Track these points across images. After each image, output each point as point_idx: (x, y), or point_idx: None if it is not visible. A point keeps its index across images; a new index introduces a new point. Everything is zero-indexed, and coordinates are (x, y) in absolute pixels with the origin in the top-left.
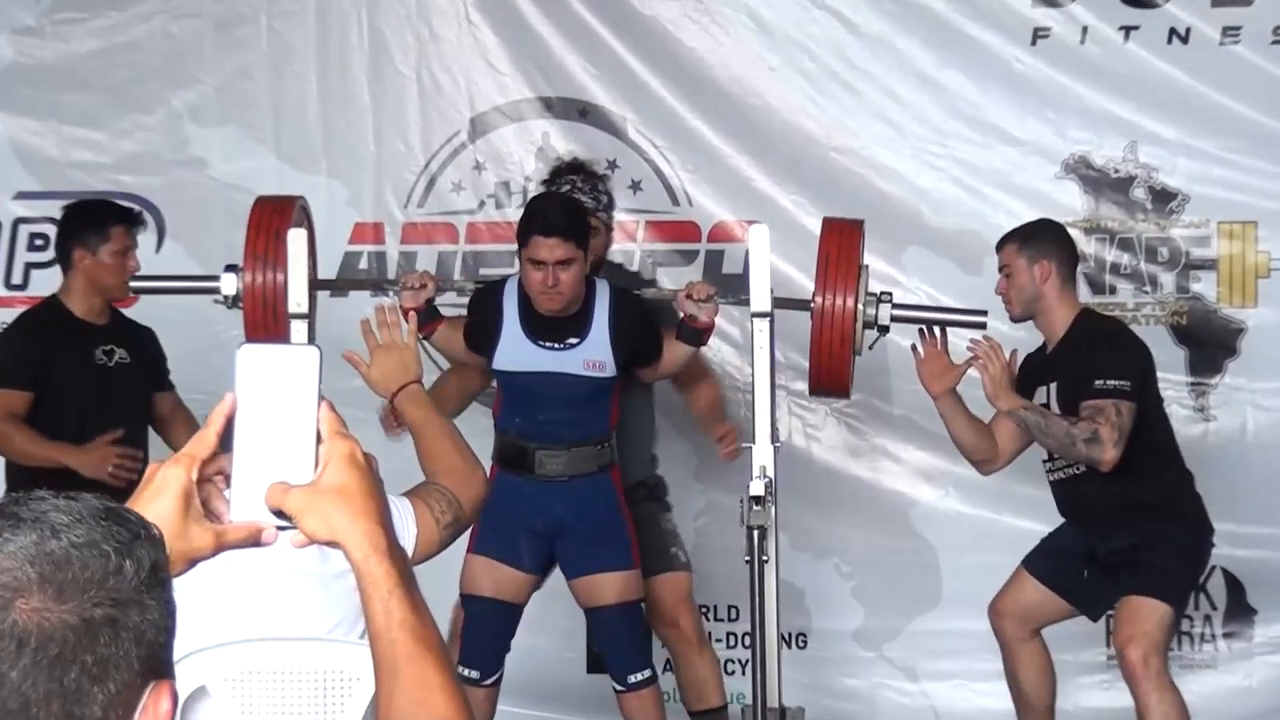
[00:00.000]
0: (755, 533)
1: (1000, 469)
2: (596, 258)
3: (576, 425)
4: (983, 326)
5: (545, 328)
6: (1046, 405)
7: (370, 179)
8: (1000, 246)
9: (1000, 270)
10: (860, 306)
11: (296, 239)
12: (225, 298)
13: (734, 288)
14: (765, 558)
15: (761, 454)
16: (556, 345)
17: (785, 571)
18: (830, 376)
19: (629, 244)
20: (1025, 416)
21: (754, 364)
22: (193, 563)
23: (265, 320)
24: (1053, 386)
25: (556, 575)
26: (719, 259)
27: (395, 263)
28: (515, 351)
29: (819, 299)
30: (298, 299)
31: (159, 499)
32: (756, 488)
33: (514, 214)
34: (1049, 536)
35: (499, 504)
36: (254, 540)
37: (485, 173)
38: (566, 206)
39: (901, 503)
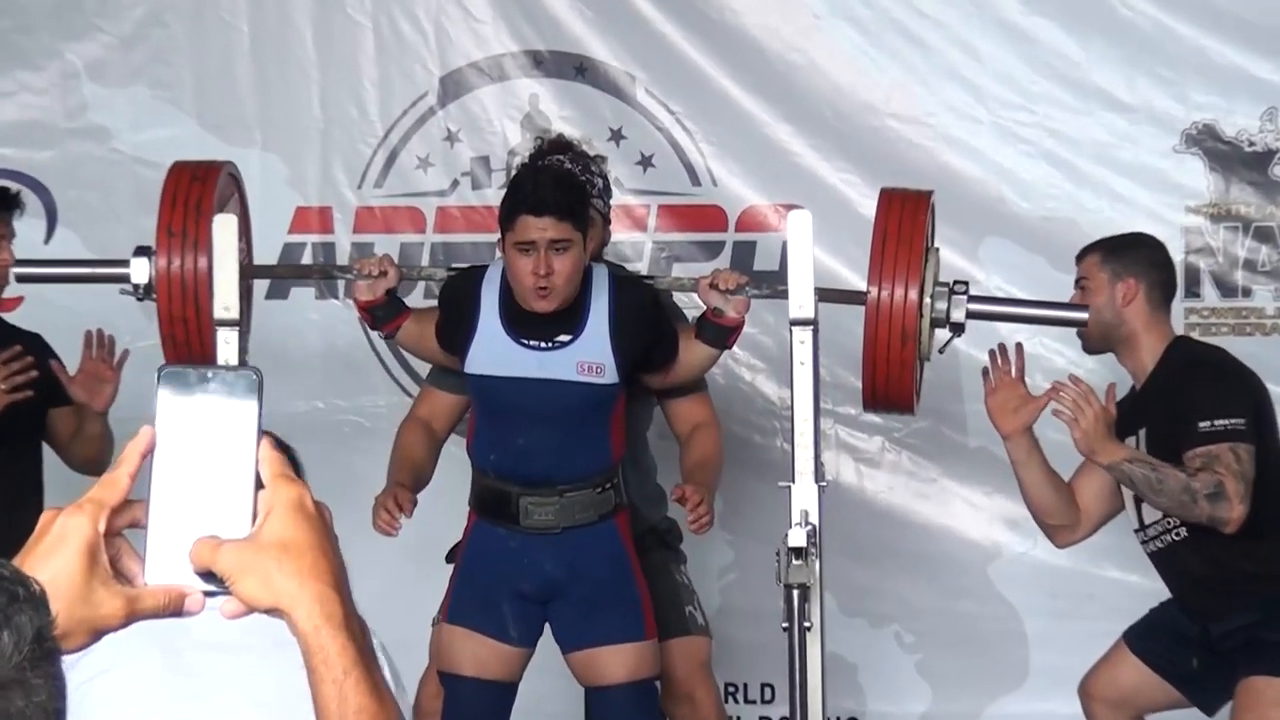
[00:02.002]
0: (795, 593)
1: (1081, 540)
2: (592, 251)
3: (569, 457)
4: (1083, 324)
5: (530, 322)
6: None
7: (315, 153)
8: (1081, 257)
9: (1076, 284)
10: (927, 298)
11: (224, 226)
12: (135, 287)
13: (768, 288)
14: (808, 624)
15: (803, 495)
16: (543, 344)
17: (833, 642)
18: (890, 387)
19: (637, 234)
20: (1132, 471)
21: (793, 383)
22: (97, 634)
23: (185, 314)
24: (1141, 434)
25: (548, 643)
26: (749, 252)
27: (347, 256)
28: (492, 351)
29: (874, 289)
30: (225, 301)
31: (56, 554)
32: (797, 537)
33: (495, 196)
34: (1157, 609)
35: (477, 562)
36: (175, 608)
37: (459, 145)
38: (561, 179)
39: (978, 556)
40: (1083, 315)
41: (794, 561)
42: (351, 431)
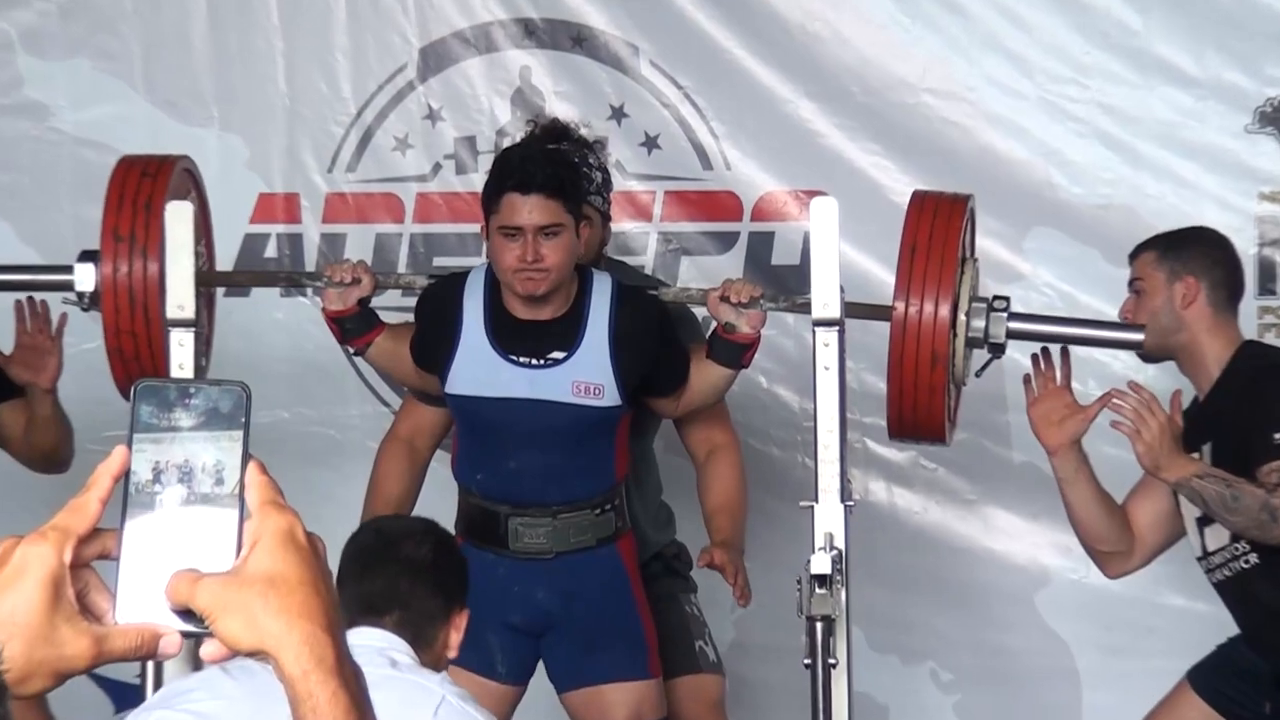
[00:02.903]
0: (819, 626)
1: (1135, 570)
2: (589, 255)
3: (565, 478)
4: (1139, 346)
5: (519, 336)
6: None
7: (280, 133)
8: (1134, 256)
9: (1130, 285)
10: (963, 315)
11: (177, 215)
12: (80, 296)
13: (788, 285)
14: (833, 661)
15: (827, 516)
16: (535, 361)
17: (862, 680)
18: (919, 413)
19: (641, 223)
20: (1204, 488)
21: (816, 392)
22: (61, 678)
23: (134, 327)
24: (1206, 449)
25: (541, 681)
26: (767, 244)
27: (316, 248)
28: (476, 369)
29: (900, 304)
30: (180, 298)
31: (15, 587)
32: (820, 563)
33: (481, 182)
34: (1225, 645)
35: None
36: (148, 650)
37: (441, 125)
38: (552, 155)
39: (1024, 584)
40: (1138, 337)
41: (817, 591)
42: (321, 446)
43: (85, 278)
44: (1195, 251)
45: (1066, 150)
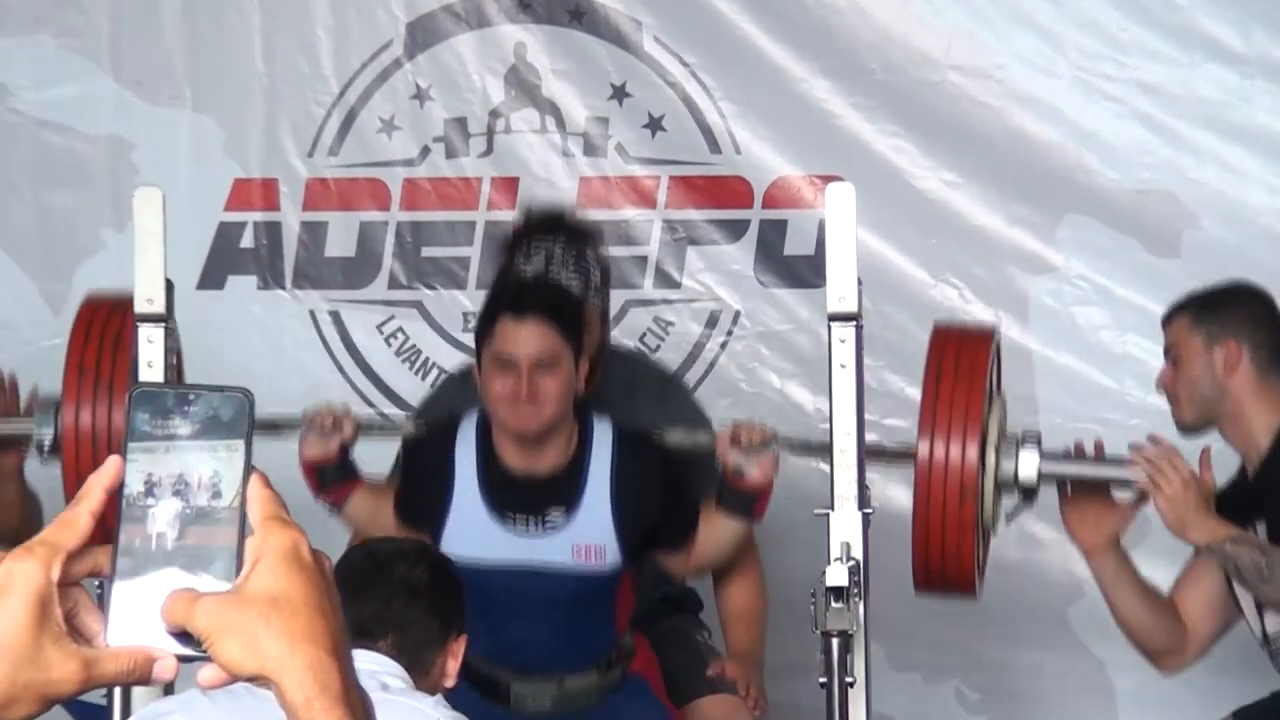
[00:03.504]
0: (835, 642)
1: (1192, 663)
2: (590, 356)
3: (569, 646)
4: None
5: (515, 494)
6: None
7: (258, 114)
8: (1168, 321)
9: (1166, 354)
10: (991, 457)
11: (147, 202)
12: (38, 446)
13: (802, 276)
14: (851, 679)
15: (844, 524)
16: (533, 523)
17: (881, 700)
18: (946, 563)
19: (644, 210)
20: (1237, 554)
21: (831, 390)
22: (48, 703)
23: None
24: (1260, 527)
25: None
26: (779, 233)
27: (296, 238)
28: (471, 532)
29: (923, 446)
30: (149, 291)
31: (1, 606)
32: (836, 575)
33: (472, 166)
34: None
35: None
36: (142, 674)
37: (430, 105)
38: (551, 283)
39: (1055, 597)
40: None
41: (833, 604)
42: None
43: (44, 429)
44: (1233, 312)
45: (1102, 132)
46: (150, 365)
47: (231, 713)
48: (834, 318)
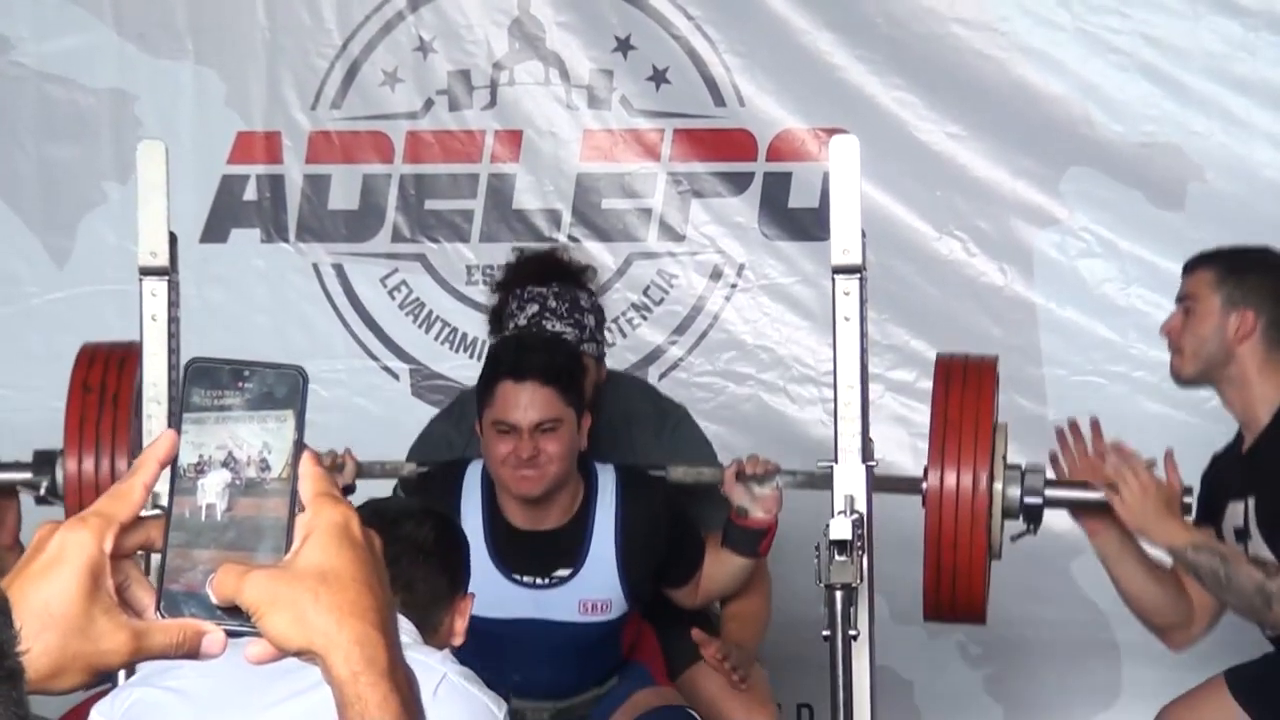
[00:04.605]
0: (839, 595)
1: (1200, 637)
2: (588, 403)
3: (569, 684)
4: (1189, 511)
5: (522, 551)
6: (1243, 531)
7: (260, 67)
8: (1190, 269)
9: (1179, 301)
10: (997, 486)
11: (149, 155)
12: (35, 489)
13: (806, 228)
14: (854, 632)
15: (848, 478)
16: (540, 581)
17: (885, 653)
18: (958, 592)
19: (649, 163)
20: (1196, 561)
21: (836, 343)
22: (97, 674)
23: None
24: (1250, 502)
25: None
26: (783, 186)
27: (299, 190)
28: (477, 588)
29: (934, 477)
30: (152, 244)
31: (52, 575)
32: (840, 528)
33: (475, 119)
34: (1274, 657)
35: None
36: (191, 648)
37: (433, 57)
38: (551, 342)
39: (1059, 550)
40: (1187, 500)
41: (837, 557)
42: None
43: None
44: (1259, 281)
45: (1106, 85)
46: (154, 319)
47: (243, 667)
48: (838, 270)
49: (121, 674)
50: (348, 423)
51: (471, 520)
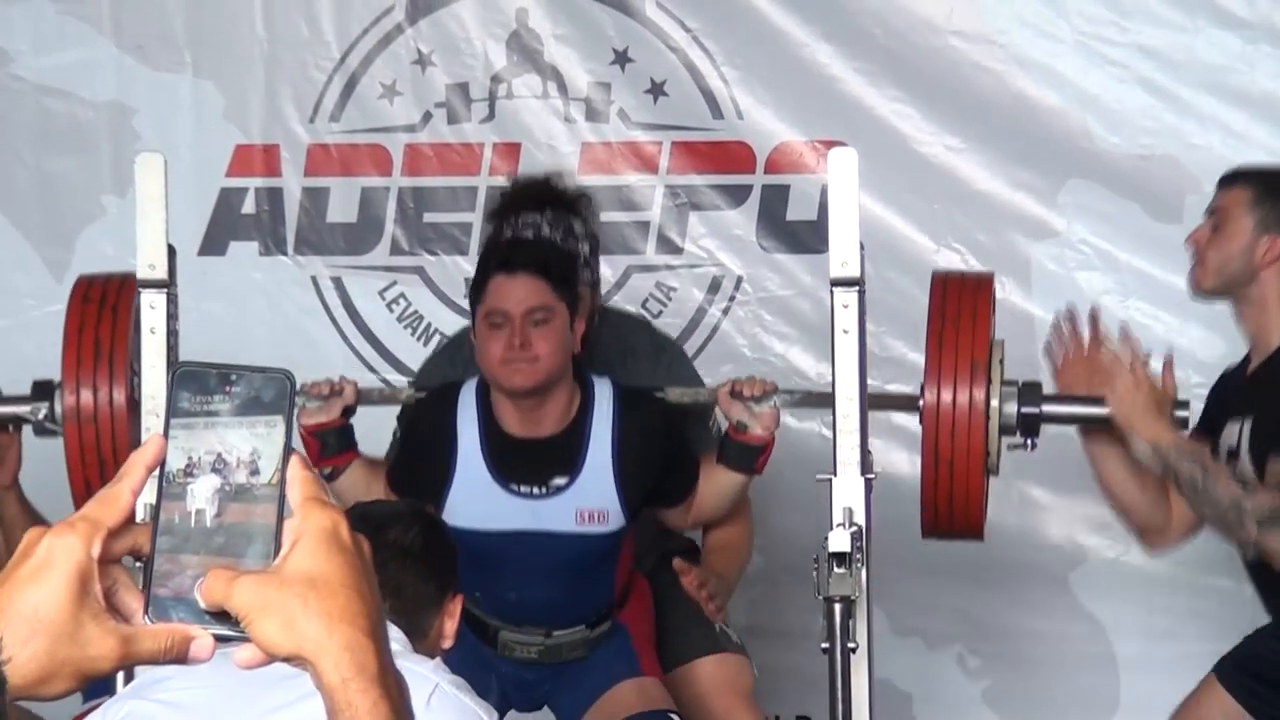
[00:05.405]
0: (838, 607)
1: (1175, 544)
2: (580, 333)
3: (566, 607)
4: (1184, 426)
5: (518, 460)
6: (1235, 451)
7: (258, 80)
8: (1227, 183)
9: (1208, 214)
10: (995, 402)
11: (148, 168)
12: (36, 420)
13: (804, 241)
14: (853, 645)
15: (847, 490)
16: (536, 490)
17: (883, 666)
18: (954, 512)
19: (646, 176)
20: (1178, 463)
21: (834, 355)
22: (85, 679)
23: (101, 450)
24: (1246, 424)
25: None
26: (782, 198)
27: (297, 203)
28: (475, 501)
29: (930, 393)
30: (151, 256)
31: (40, 581)
32: (839, 541)
33: (474, 132)
34: (1253, 638)
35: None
36: (179, 652)
37: (432, 70)
38: (540, 242)
39: (1057, 562)
40: (1183, 413)
41: (836, 570)
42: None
43: (41, 404)
44: None
45: (1105, 97)
46: (153, 331)
47: (234, 675)
48: (836, 283)
49: (120, 680)
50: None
51: (468, 433)
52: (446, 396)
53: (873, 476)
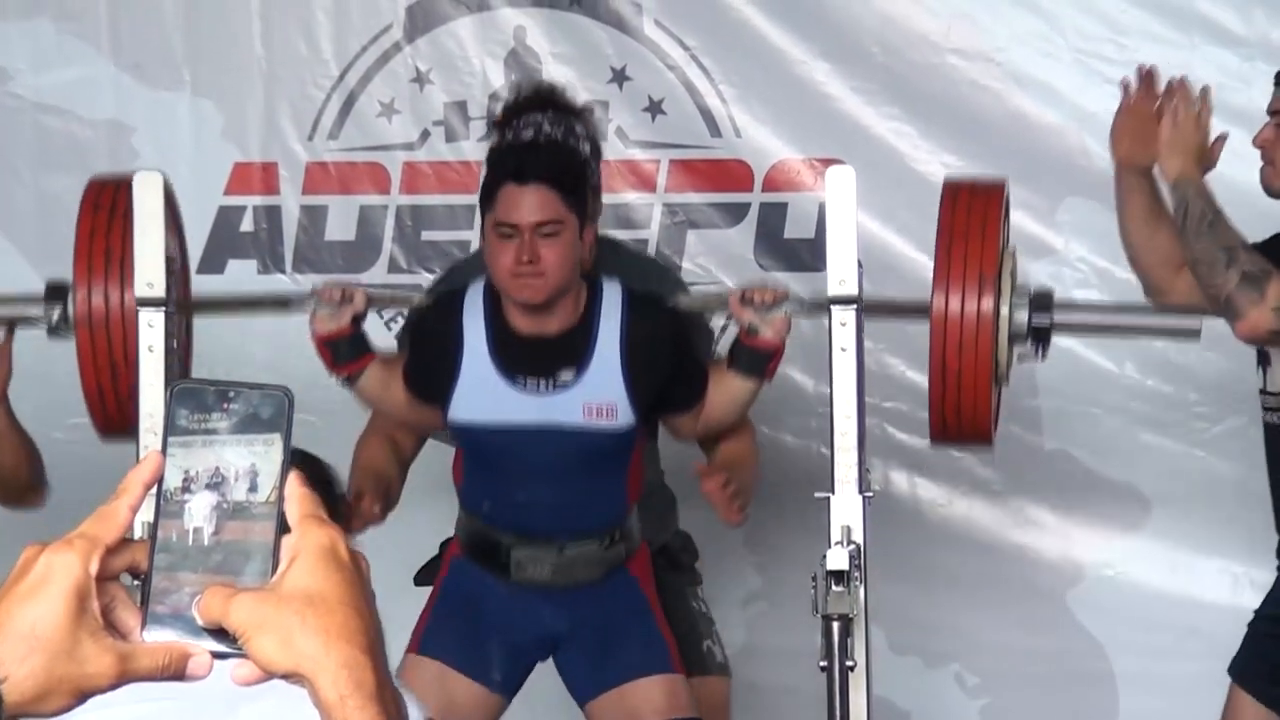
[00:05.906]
0: (835, 625)
1: (1176, 298)
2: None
3: (576, 512)
4: (1194, 337)
5: (525, 355)
6: None
7: (257, 98)
8: None
9: (1272, 114)
10: (1005, 310)
11: (147, 185)
12: (48, 321)
13: (802, 259)
14: (851, 663)
15: (845, 508)
16: (543, 384)
17: (882, 684)
18: (963, 415)
19: (644, 194)
20: (1192, 199)
21: (832, 374)
22: (82, 697)
23: (113, 353)
24: None
25: (550, 695)
26: (780, 216)
27: (296, 221)
28: (481, 395)
29: (939, 299)
30: (149, 275)
31: (38, 598)
32: (837, 559)
33: (472, 150)
34: (1255, 630)
35: (458, 597)
36: (176, 670)
37: (430, 89)
38: (552, 148)
39: (1055, 581)
40: (1195, 324)
41: (834, 588)
42: (301, 433)
43: (53, 305)
44: None
45: (1103, 114)
46: (151, 349)
47: (183, 691)
48: (834, 301)
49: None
50: (345, 454)
51: (474, 328)
52: (452, 297)
53: (871, 494)
